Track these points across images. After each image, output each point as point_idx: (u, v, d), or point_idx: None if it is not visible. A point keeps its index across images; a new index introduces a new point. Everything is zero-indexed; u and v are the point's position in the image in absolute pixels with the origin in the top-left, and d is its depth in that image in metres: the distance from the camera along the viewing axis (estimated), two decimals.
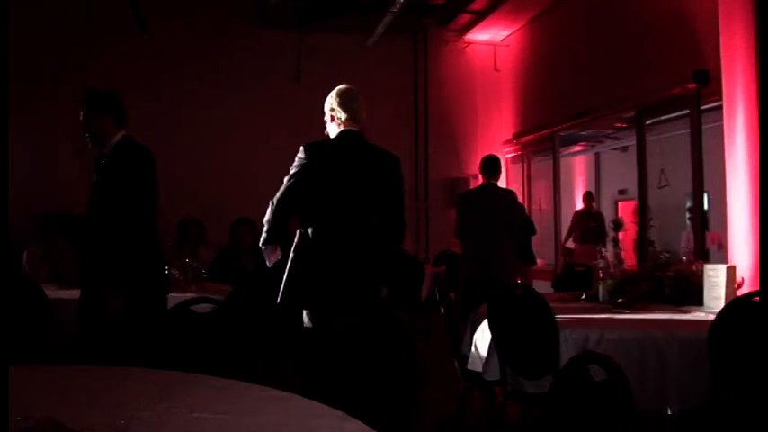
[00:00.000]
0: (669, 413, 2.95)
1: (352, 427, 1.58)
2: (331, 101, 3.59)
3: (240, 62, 9.78)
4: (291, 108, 9.31)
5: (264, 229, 3.55)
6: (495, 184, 6.14)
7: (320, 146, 3.55)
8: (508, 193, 6.37)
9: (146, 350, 2.83)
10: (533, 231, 8.53)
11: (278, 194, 3.52)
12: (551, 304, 3.32)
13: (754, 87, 5.18)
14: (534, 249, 8.84)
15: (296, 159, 3.50)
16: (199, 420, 1.62)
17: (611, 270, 3.89)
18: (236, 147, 9.61)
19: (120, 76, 8.89)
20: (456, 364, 3.85)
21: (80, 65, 8.86)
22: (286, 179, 3.52)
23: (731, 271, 3.72)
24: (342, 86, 3.64)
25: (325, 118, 3.64)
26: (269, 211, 3.54)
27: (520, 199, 9.75)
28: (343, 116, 3.54)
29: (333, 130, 3.60)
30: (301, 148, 3.50)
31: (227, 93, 9.72)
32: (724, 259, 5.06)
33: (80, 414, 1.56)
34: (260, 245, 3.61)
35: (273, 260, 3.58)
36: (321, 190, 3.47)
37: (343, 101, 3.56)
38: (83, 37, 8.93)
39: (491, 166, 6.14)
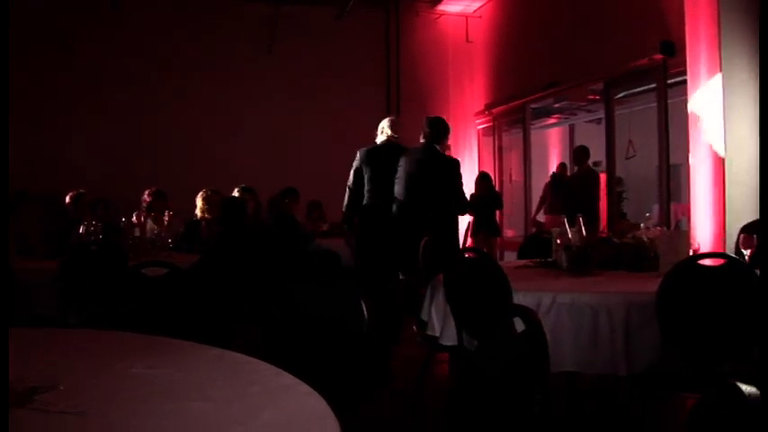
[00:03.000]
0: (620, 375, 3.01)
1: (285, 380, 1.60)
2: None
3: (212, 34, 9.68)
4: (261, 80, 9.30)
5: None
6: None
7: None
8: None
9: (95, 314, 2.83)
10: (499, 206, 8.58)
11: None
12: (509, 270, 3.36)
13: (717, 58, 5.22)
14: (504, 220, 8.90)
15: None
16: (135, 375, 1.64)
17: (570, 237, 3.93)
18: (210, 119, 9.55)
19: (94, 49, 8.81)
20: (415, 328, 3.90)
21: (57, 42, 8.76)
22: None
23: (686, 237, 3.78)
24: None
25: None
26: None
27: (490, 171, 9.82)
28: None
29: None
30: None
31: (200, 64, 9.63)
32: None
33: (15, 371, 1.57)
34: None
35: None
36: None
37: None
38: (58, 12, 8.83)
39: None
